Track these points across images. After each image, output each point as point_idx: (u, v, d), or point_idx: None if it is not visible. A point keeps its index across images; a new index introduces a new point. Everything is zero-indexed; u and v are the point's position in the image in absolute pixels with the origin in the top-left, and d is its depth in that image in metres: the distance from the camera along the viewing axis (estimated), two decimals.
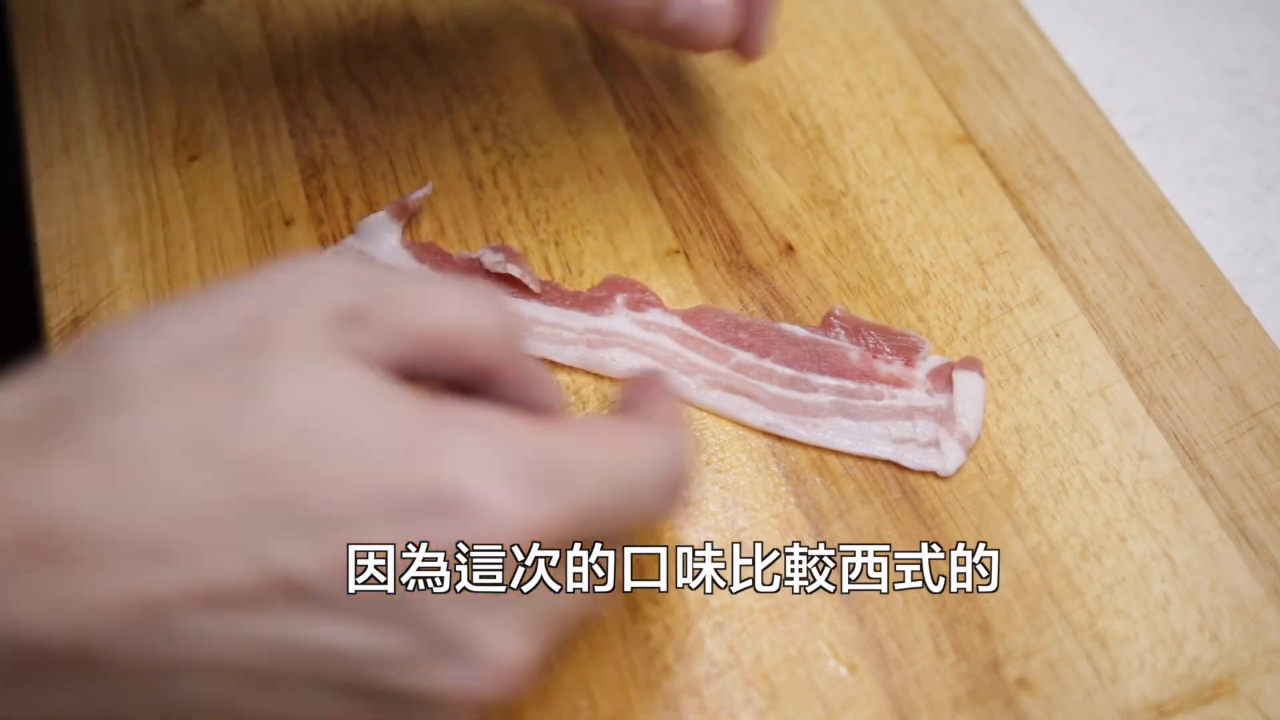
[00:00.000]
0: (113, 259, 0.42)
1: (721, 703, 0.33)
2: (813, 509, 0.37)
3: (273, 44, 0.48)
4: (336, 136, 0.45)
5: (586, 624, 0.34)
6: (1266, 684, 0.33)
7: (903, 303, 0.41)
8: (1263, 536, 0.36)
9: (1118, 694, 0.33)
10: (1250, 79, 0.50)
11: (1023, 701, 0.33)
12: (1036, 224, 0.43)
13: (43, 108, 0.46)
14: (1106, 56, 0.51)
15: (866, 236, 0.43)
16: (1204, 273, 0.41)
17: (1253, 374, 0.39)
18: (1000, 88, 0.46)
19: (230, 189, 0.44)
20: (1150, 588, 0.35)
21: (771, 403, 0.38)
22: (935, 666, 0.34)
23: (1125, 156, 0.44)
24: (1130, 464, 0.37)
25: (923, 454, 0.37)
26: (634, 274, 0.42)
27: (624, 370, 0.39)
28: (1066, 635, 0.34)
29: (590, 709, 0.33)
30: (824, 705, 0.33)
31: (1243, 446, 0.38)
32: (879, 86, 0.46)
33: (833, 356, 0.39)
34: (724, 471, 0.38)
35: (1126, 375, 0.39)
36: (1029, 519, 0.36)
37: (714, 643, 0.34)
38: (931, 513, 0.37)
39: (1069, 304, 0.41)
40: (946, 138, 0.45)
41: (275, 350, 0.24)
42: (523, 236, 0.43)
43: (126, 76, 0.47)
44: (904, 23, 0.48)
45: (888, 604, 0.35)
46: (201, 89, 0.47)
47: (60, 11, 0.49)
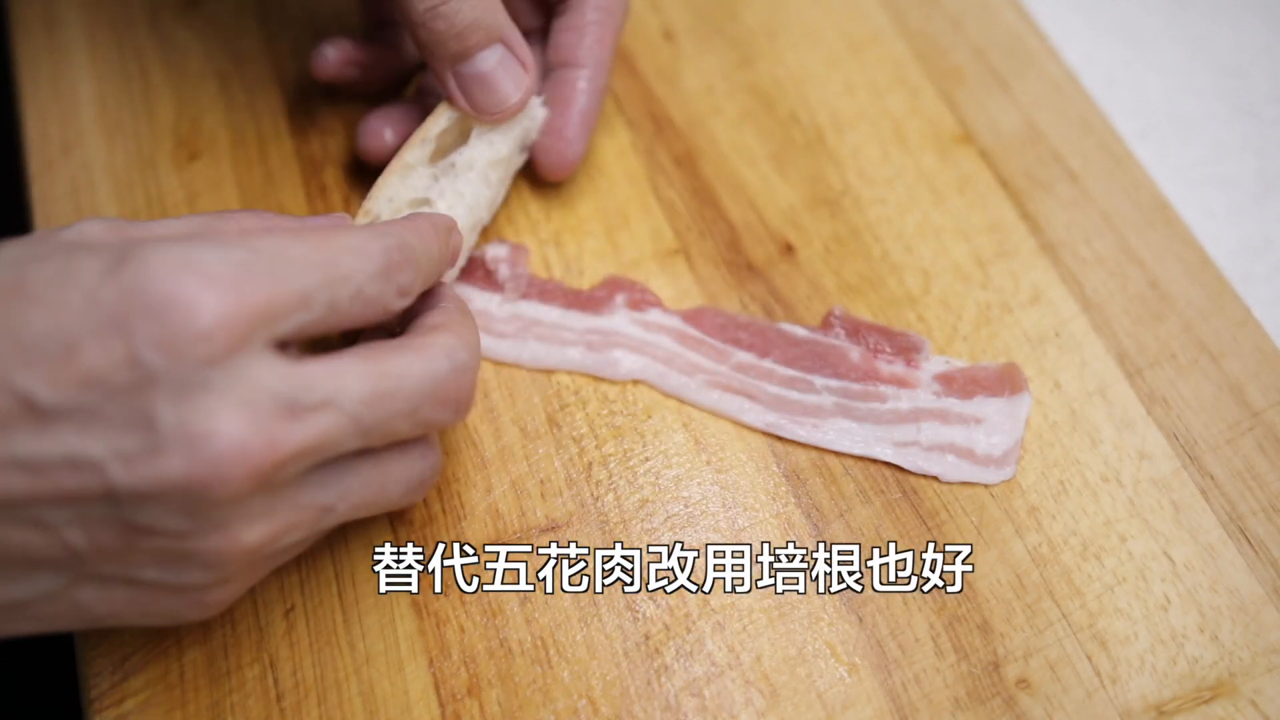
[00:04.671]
0: None
1: (721, 703, 0.33)
2: (813, 509, 0.37)
3: (273, 44, 0.48)
4: (336, 136, 0.45)
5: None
6: (1266, 684, 0.33)
7: (903, 303, 0.41)
8: (1263, 536, 0.36)
9: (1118, 694, 0.33)
10: (1250, 79, 0.50)
11: (1023, 701, 0.33)
12: (1036, 224, 0.43)
13: (43, 108, 0.46)
14: (1106, 56, 0.51)
15: (866, 236, 0.43)
16: (1204, 273, 0.41)
17: (1253, 374, 0.39)
18: (1000, 88, 0.46)
19: (230, 189, 0.44)
20: (1150, 588, 0.35)
21: (771, 403, 0.38)
22: (935, 666, 0.34)
23: (1125, 156, 0.44)
24: (1130, 464, 0.37)
25: (926, 458, 0.37)
26: (634, 274, 0.42)
27: (625, 372, 0.39)
28: (1066, 635, 0.34)
29: (590, 709, 0.33)
30: (824, 705, 0.33)
31: (1243, 446, 0.38)
32: (879, 86, 0.46)
33: (833, 356, 0.39)
34: (724, 471, 0.38)
35: (1126, 375, 0.39)
36: (1029, 519, 0.36)
37: (714, 643, 0.34)
38: (931, 513, 0.37)
39: (1069, 304, 0.41)
40: (946, 138, 0.45)
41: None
42: (522, 236, 0.43)
43: (126, 76, 0.47)
44: (904, 23, 0.48)
45: (888, 604, 0.35)
46: (201, 89, 0.47)
47: (60, 11, 0.49)
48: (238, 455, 0.26)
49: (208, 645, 0.34)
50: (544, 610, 0.35)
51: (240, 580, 0.30)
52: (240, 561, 0.28)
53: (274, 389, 0.27)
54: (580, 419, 0.38)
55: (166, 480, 0.25)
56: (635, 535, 0.36)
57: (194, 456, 0.25)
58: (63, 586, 0.27)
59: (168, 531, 0.27)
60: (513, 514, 0.37)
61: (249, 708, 0.33)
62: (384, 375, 0.29)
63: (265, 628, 0.35)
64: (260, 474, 0.26)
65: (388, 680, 0.34)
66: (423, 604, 0.35)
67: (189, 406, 0.26)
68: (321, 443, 0.28)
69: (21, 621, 0.28)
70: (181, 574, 0.28)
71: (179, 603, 0.29)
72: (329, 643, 0.34)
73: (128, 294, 0.26)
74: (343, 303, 0.29)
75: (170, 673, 0.34)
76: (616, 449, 0.38)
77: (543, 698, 0.33)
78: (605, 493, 0.37)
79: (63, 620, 0.28)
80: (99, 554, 0.27)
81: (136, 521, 0.26)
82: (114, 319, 0.25)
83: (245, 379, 0.26)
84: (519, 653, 0.34)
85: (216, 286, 0.26)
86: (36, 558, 0.27)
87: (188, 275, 0.26)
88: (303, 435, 0.27)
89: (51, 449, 0.25)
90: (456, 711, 0.33)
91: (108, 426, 0.25)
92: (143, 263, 0.26)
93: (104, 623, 0.29)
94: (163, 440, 0.25)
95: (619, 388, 0.39)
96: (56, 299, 0.26)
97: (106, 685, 0.34)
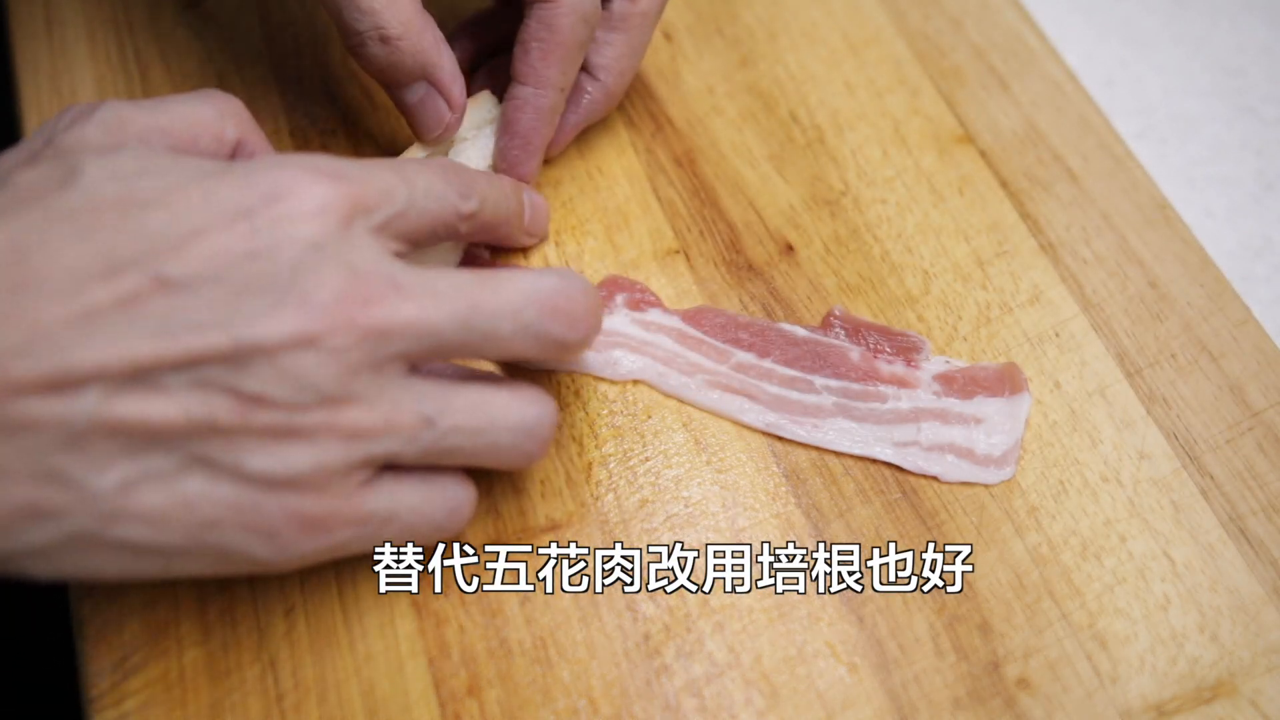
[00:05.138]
0: None
1: (721, 703, 0.33)
2: (813, 509, 0.37)
3: (273, 44, 0.48)
4: (336, 136, 0.45)
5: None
6: (1266, 684, 0.33)
7: (903, 303, 0.41)
8: (1263, 536, 0.36)
9: (1118, 694, 0.33)
10: (1250, 79, 0.50)
11: (1023, 701, 0.33)
12: (1036, 224, 0.43)
13: (43, 108, 0.46)
14: (1106, 56, 0.51)
15: (866, 236, 0.43)
16: (1204, 273, 0.41)
17: (1253, 374, 0.39)
18: (1000, 88, 0.46)
19: None
20: (1150, 588, 0.35)
21: (771, 403, 0.38)
22: (935, 666, 0.34)
23: (1125, 156, 0.44)
24: (1130, 464, 0.37)
25: (926, 458, 0.37)
26: (634, 274, 0.42)
27: (625, 372, 0.39)
28: (1066, 635, 0.34)
29: (590, 709, 0.33)
30: (824, 705, 0.33)
31: (1243, 446, 0.38)
32: (879, 86, 0.46)
33: (833, 356, 0.39)
34: (724, 471, 0.38)
35: (1126, 375, 0.39)
36: (1029, 519, 0.36)
37: (714, 643, 0.34)
38: (931, 513, 0.37)
39: (1069, 304, 0.41)
40: (946, 138, 0.45)
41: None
42: None
43: (126, 76, 0.47)
44: (904, 23, 0.48)
45: (888, 604, 0.35)
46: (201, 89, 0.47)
47: (60, 11, 0.49)
48: (341, 307, 0.28)
49: (208, 645, 0.34)
50: (544, 610, 0.35)
51: (337, 496, 0.30)
52: (341, 448, 0.29)
53: (378, 264, 0.30)
54: (580, 419, 0.38)
55: (279, 332, 0.28)
56: (635, 535, 0.36)
57: (304, 307, 0.28)
58: (175, 468, 0.28)
59: (278, 400, 0.28)
60: (513, 514, 0.37)
61: (249, 708, 0.33)
62: (486, 275, 0.31)
63: (265, 628, 0.35)
64: (361, 330, 0.28)
65: (388, 680, 0.34)
66: (422, 604, 0.35)
67: (302, 271, 0.28)
68: (420, 321, 0.29)
69: (127, 520, 0.28)
70: (285, 455, 0.29)
71: (278, 507, 0.29)
72: (329, 643, 0.34)
73: (246, 187, 0.29)
74: (418, 197, 0.32)
75: (170, 673, 0.34)
76: (616, 449, 0.38)
77: (543, 698, 0.33)
78: (605, 493, 0.37)
79: (166, 522, 0.28)
80: (213, 428, 0.28)
81: (251, 388, 0.28)
82: (236, 207, 0.28)
83: (352, 253, 0.29)
84: (519, 653, 0.34)
85: (320, 176, 0.30)
86: (156, 428, 0.27)
87: (297, 170, 0.29)
88: (405, 309, 0.29)
89: (179, 313, 0.27)
90: (456, 711, 0.33)
91: (230, 291, 0.28)
92: (255, 164, 0.30)
93: (198, 544, 0.29)
94: (277, 297, 0.28)
95: (619, 388, 0.39)
96: (175, 200, 0.29)
97: (106, 685, 0.34)
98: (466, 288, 0.30)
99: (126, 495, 0.28)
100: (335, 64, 0.47)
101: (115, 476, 0.27)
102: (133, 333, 0.27)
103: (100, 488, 0.27)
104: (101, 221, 0.28)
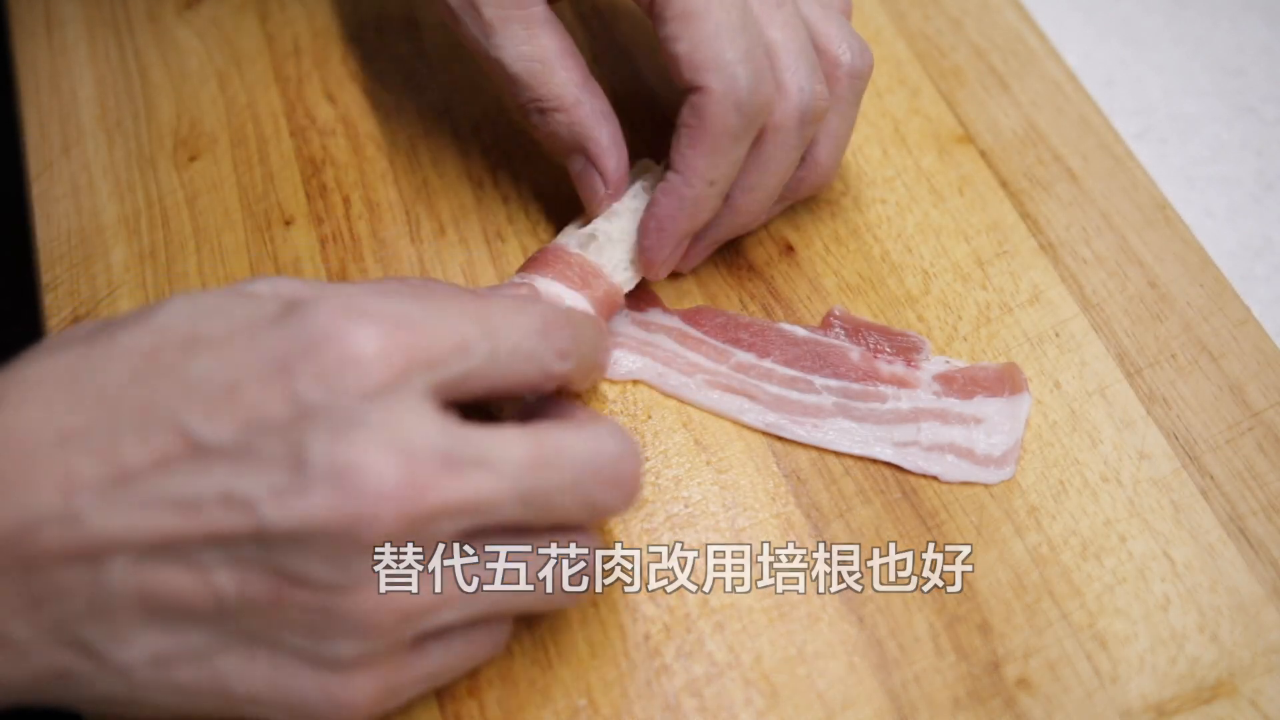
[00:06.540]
0: (112, 259, 0.42)
1: (721, 703, 0.33)
2: (813, 509, 0.37)
3: (273, 44, 0.48)
4: (336, 136, 0.45)
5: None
6: (1266, 684, 0.33)
7: (903, 303, 0.41)
8: (1263, 536, 0.36)
9: (1118, 694, 0.33)
10: (1250, 79, 0.50)
11: (1023, 701, 0.33)
12: (1036, 224, 0.43)
13: (43, 108, 0.46)
14: (1106, 56, 0.51)
15: (866, 236, 0.43)
16: (1204, 273, 0.41)
17: (1253, 374, 0.39)
18: (1000, 88, 0.46)
19: (230, 189, 0.44)
20: (1150, 588, 0.35)
21: (771, 403, 0.38)
22: (935, 666, 0.34)
23: (1125, 156, 0.44)
24: (1130, 464, 0.37)
25: (926, 458, 0.37)
26: None
27: (624, 372, 0.39)
28: (1066, 635, 0.34)
29: (590, 709, 0.33)
30: (824, 705, 0.33)
31: (1243, 446, 0.38)
32: (879, 86, 0.46)
33: (833, 356, 0.39)
34: (724, 471, 0.38)
35: (1126, 375, 0.39)
36: (1029, 519, 0.36)
37: (714, 643, 0.34)
38: (931, 513, 0.37)
39: (1069, 304, 0.41)
40: (946, 138, 0.45)
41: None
42: (522, 236, 0.43)
43: (126, 76, 0.47)
44: (904, 23, 0.48)
45: (888, 604, 0.35)
46: (201, 89, 0.47)
47: (60, 11, 0.49)
48: (385, 494, 0.25)
49: None
50: None
51: (384, 670, 0.28)
52: (387, 633, 0.27)
53: (430, 437, 0.26)
54: None
55: (314, 517, 0.25)
56: (635, 535, 0.36)
57: (341, 492, 0.25)
58: (208, 646, 0.27)
59: (316, 582, 0.26)
60: None
61: None
62: (546, 443, 0.28)
63: None
64: (409, 519, 0.26)
65: None
66: None
67: (341, 442, 0.25)
68: (477, 501, 0.27)
69: (158, 690, 0.27)
70: (326, 640, 0.27)
71: (317, 687, 0.27)
72: None
73: (291, 337, 0.26)
74: (502, 355, 0.29)
75: None
76: None
77: (543, 698, 0.33)
78: None
79: (199, 694, 0.27)
80: (247, 606, 0.26)
81: (285, 568, 0.26)
82: (277, 359, 0.26)
83: (400, 422, 0.26)
84: (519, 653, 0.34)
85: (375, 324, 0.27)
86: (187, 604, 0.26)
87: (349, 316, 0.27)
88: (458, 489, 0.27)
89: (209, 486, 0.25)
90: (456, 712, 0.33)
91: (263, 463, 0.26)
92: (307, 308, 0.27)
93: (237, 708, 0.28)
94: (313, 475, 0.25)
95: (618, 387, 0.39)
96: (224, 344, 0.27)
97: None
98: (525, 461, 0.28)
99: (158, 669, 0.27)
100: (335, 64, 0.47)
101: (144, 648, 0.26)
102: (162, 502, 0.25)
103: (125, 659, 0.26)
104: (156, 361, 0.27)
